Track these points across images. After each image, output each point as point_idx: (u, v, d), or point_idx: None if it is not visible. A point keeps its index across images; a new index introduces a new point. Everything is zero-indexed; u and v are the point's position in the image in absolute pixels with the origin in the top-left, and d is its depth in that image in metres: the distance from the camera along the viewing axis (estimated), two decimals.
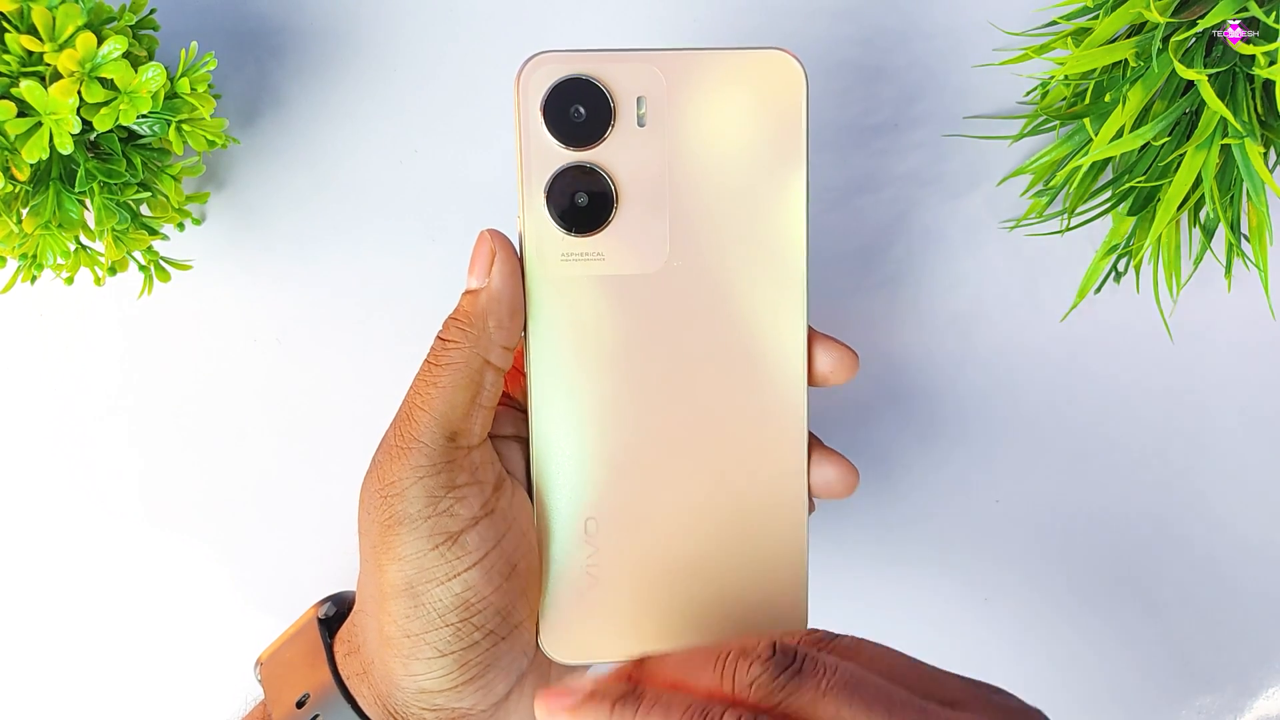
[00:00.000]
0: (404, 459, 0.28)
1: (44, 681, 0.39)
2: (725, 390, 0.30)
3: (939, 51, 0.39)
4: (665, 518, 0.31)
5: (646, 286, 0.30)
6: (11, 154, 0.30)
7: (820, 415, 0.35)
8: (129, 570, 0.39)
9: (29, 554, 0.39)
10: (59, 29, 0.29)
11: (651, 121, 0.29)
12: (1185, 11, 0.30)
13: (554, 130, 0.29)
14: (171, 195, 0.35)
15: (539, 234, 0.29)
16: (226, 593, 0.39)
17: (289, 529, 0.39)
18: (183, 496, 0.39)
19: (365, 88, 0.38)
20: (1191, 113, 0.32)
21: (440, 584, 0.28)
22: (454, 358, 0.29)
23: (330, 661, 0.32)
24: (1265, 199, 0.32)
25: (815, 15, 0.39)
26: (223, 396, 0.39)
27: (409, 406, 0.29)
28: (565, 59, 0.29)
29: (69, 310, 0.38)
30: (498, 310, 0.29)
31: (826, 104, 0.39)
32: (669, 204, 0.29)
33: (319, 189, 0.38)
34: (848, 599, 0.39)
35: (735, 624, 0.31)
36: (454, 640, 0.29)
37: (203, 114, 0.33)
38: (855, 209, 0.39)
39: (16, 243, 0.32)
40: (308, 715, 0.31)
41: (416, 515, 0.28)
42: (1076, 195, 0.36)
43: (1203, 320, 0.40)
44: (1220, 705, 0.41)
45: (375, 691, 0.30)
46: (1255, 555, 0.41)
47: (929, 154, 0.39)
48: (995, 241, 0.40)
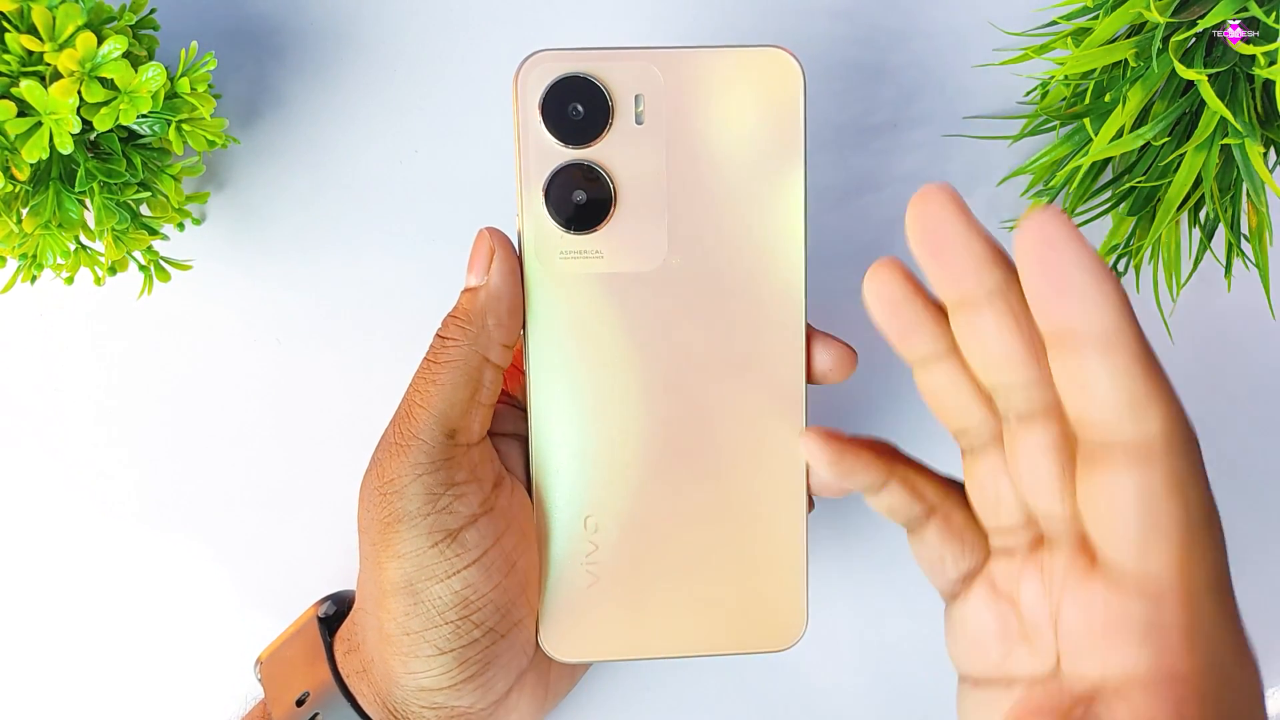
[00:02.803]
0: (403, 456, 0.28)
1: (44, 682, 0.39)
2: (724, 388, 0.30)
3: (939, 51, 0.39)
4: (664, 515, 0.31)
5: (645, 284, 0.30)
6: (11, 154, 0.30)
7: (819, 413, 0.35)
8: (128, 570, 0.39)
9: (28, 554, 0.39)
10: (59, 29, 0.29)
11: (650, 120, 0.29)
12: (1185, 11, 0.30)
13: (552, 128, 0.29)
14: (171, 195, 0.35)
15: (538, 232, 0.29)
16: (226, 593, 0.38)
17: (289, 529, 0.39)
18: (182, 496, 0.39)
19: (365, 88, 0.38)
20: (1191, 113, 0.32)
21: (440, 581, 0.28)
22: (453, 355, 0.29)
23: (330, 660, 0.32)
24: (1265, 199, 0.32)
25: (814, 14, 0.39)
26: (222, 396, 0.39)
27: (408, 404, 0.29)
28: (563, 57, 0.29)
29: (69, 310, 0.38)
30: (497, 308, 0.29)
31: (826, 104, 0.39)
32: (667, 202, 0.29)
33: (319, 189, 0.38)
34: (848, 598, 0.39)
35: (734, 622, 0.31)
36: (453, 638, 0.29)
37: (203, 114, 0.33)
38: (855, 209, 0.39)
39: (16, 243, 0.32)
40: (308, 714, 0.31)
41: (416, 513, 0.28)
42: (1076, 195, 0.36)
43: (1203, 320, 0.40)
44: None
45: (375, 690, 0.30)
46: (1255, 555, 0.41)
47: (929, 154, 0.39)
48: None
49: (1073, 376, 0.23)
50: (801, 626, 0.32)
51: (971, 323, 0.25)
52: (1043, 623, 0.26)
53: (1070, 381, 0.23)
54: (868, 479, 0.29)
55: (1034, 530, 0.27)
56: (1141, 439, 0.22)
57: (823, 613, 0.33)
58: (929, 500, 0.29)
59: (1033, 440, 0.25)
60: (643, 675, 0.39)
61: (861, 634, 0.39)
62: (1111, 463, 0.23)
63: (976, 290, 0.25)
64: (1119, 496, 0.23)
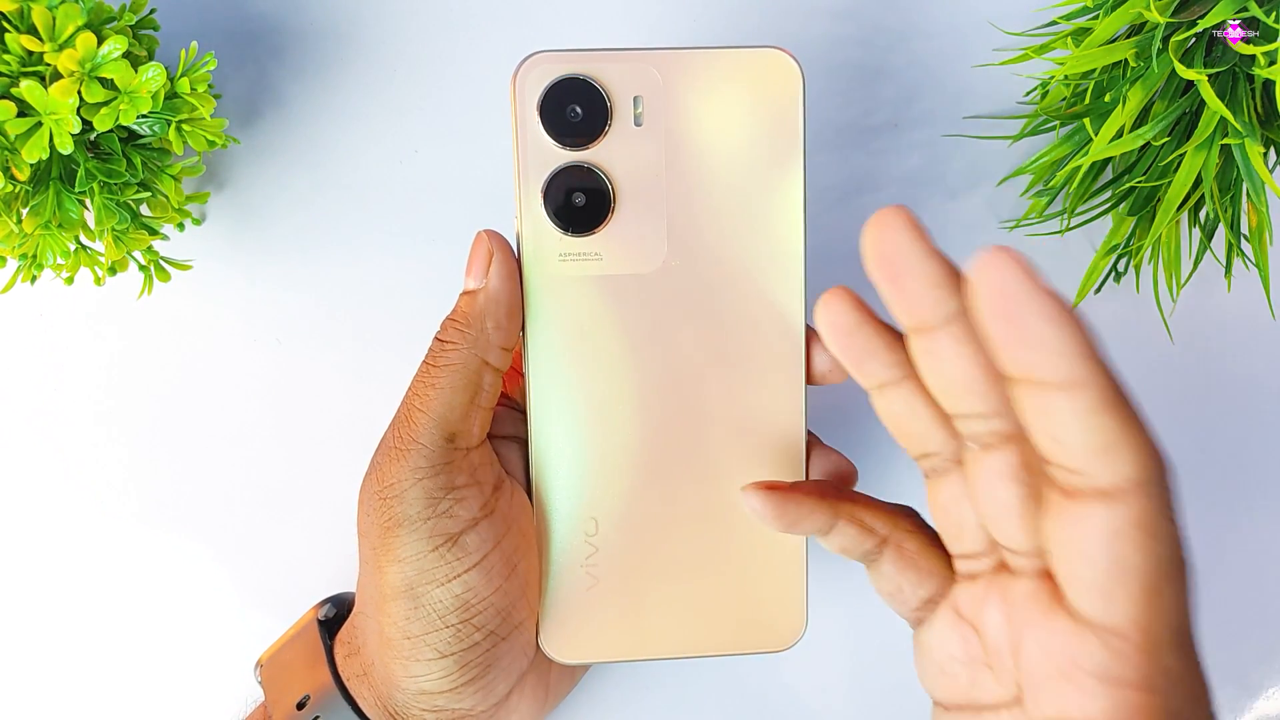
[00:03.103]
0: (403, 461, 0.28)
1: (44, 683, 0.39)
2: (724, 389, 0.30)
3: (939, 51, 0.39)
4: (664, 517, 0.31)
5: (644, 286, 0.30)
6: (11, 154, 0.30)
7: (819, 414, 0.35)
8: (128, 571, 0.39)
9: (28, 554, 0.39)
10: (59, 29, 0.29)
11: (648, 121, 0.29)
12: (1185, 11, 0.30)
13: (550, 130, 0.29)
14: (171, 195, 0.35)
15: (536, 234, 0.29)
16: (226, 594, 0.39)
17: (289, 530, 0.39)
18: (182, 497, 0.39)
19: (365, 88, 0.38)
20: (1191, 113, 0.32)
21: (440, 585, 0.28)
22: (452, 359, 0.29)
23: (330, 663, 0.32)
24: (1265, 199, 0.32)
25: (814, 15, 0.39)
26: (222, 396, 0.39)
27: (407, 408, 0.29)
28: (561, 58, 0.29)
29: (69, 310, 0.38)
30: (495, 311, 0.29)
31: (826, 104, 0.39)
32: (666, 203, 0.29)
33: (319, 189, 0.38)
34: (847, 598, 0.39)
35: (734, 622, 0.31)
36: (454, 641, 0.29)
37: (203, 114, 0.33)
38: (855, 209, 0.39)
39: (16, 243, 0.32)
40: (308, 717, 0.31)
41: (416, 517, 0.28)
42: (1076, 195, 0.36)
43: (1203, 320, 0.40)
44: (1220, 705, 0.40)
45: (376, 693, 0.30)
46: (1255, 555, 0.41)
47: (929, 154, 0.39)
48: (995, 241, 0.39)
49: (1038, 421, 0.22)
50: (801, 627, 0.32)
51: (929, 349, 0.25)
52: (1005, 651, 0.26)
53: (1037, 426, 0.23)
54: (815, 524, 0.29)
55: (998, 555, 0.27)
56: (1112, 483, 0.22)
57: (822, 613, 0.33)
58: (879, 532, 0.29)
59: (993, 468, 0.25)
60: (643, 676, 0.39)
61: (861, 634, 0.39)
62: (1080, 504, 0.22)
63: (934, 316, 0.24)
64: (1087, 540, 0.22)
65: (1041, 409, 0.22)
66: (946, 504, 0.27)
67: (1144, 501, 0.22)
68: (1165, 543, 0.22)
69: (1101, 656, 0.23)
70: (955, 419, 0.26)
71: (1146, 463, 0.22)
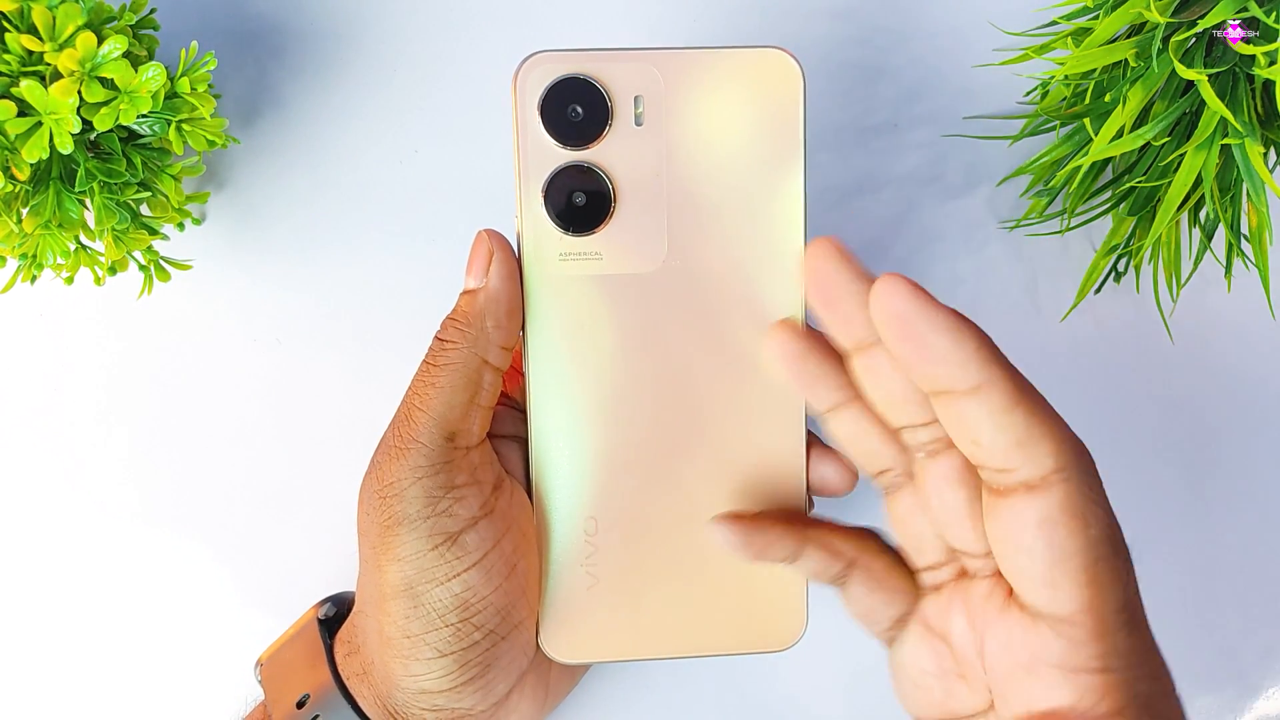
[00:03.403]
0: (403, 460, 0.28)
1: (44, 683, 0.39)
2: (724, 389, 0.30)
3: (939, 51, 0.39)
4: (664, 517, 0.31)
5: (644, 286, 0.30)
6: (11, 154, 0.30)
7: None
8: (128, 570, 0.39)
9: (28, 555, 0.39)
10: (59, 29, 0.29)
11: (649, 121, 0.29)
12: (1185, 11, 0.30)
13: (551, 130, 0.29)
14: (171, 195, 0.35)
15: (537, 234, 0.29)
16: (226, 593, 0.39)
17: (289, 529, 0.39)
18: (182, 496, 0.39)
19: (365, 88, 0.38)
20: (1191, 113, 0.32)
21: (440, 584, 0.28)
22: (452, 358, 0.29)
23: (330, 662, 0.32)
24: (1265, 199, 0.32)
25: (815, 15, 0.39)
26: (222, 396, 0.39)
27: (407, 407, 0.29)
28: (562, 58, 0.29)
29: (69, 310, 0.38)
30: (495, 310, 0.29)
31: (826, 104, 0.39)
32: (667, 203, 0.29)
33: (319, 189, 0.38)
34: None
35: (734, 622, 0.31)
36: (454, 640, 0.29)
37: (203, 114, 0.33)
38: (855, 209, 0.39)
39: (16, 243, 0.32)
40: (308, 716, 0.31)
41: (415, 516, 0.28)
42: (1076, 195, 0.36)
43: (1203, 320, 0.40)
44: (1220, 705, 0.40)
45: (375, 692, 0.30)
46: (1256, 555, 0.41)
47: (929, 154, 0.39)
48: (995, 241, 0.40)
49: (957, 429, 0.24)
50: (801, 626, 0.32)
51: (868, 367, 0.27)
52: (973, 657, 0.27)
53: (957, 433, 0.24)
54: (782, 552, 0.29)
55: (958, 563, 0.28)
56: (1034, 474, 0.23)
57: (822, 613, 0.33)
58: (846, 555, 0.29)
59: (939, 474, 0.26)
60: (643, 675, 0.39)
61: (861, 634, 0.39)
62: (1011, 499, 0.24)
63: (868, 335, 0.26)
64: (1022, 532, 0.24)
65: (957, 416, 0.24)
66: (904, 517, 0.29)
67: (1067, 487, 0.23)
68: (1096, 525, 0.23)
69: (1057, 646, 0.24)
70: (901, 432, 0.27)
71: (1064, 450, 0.23)
